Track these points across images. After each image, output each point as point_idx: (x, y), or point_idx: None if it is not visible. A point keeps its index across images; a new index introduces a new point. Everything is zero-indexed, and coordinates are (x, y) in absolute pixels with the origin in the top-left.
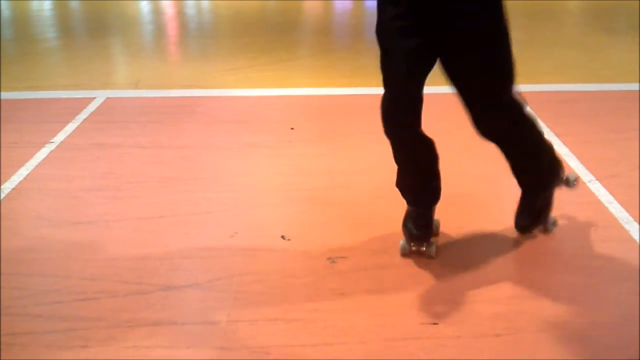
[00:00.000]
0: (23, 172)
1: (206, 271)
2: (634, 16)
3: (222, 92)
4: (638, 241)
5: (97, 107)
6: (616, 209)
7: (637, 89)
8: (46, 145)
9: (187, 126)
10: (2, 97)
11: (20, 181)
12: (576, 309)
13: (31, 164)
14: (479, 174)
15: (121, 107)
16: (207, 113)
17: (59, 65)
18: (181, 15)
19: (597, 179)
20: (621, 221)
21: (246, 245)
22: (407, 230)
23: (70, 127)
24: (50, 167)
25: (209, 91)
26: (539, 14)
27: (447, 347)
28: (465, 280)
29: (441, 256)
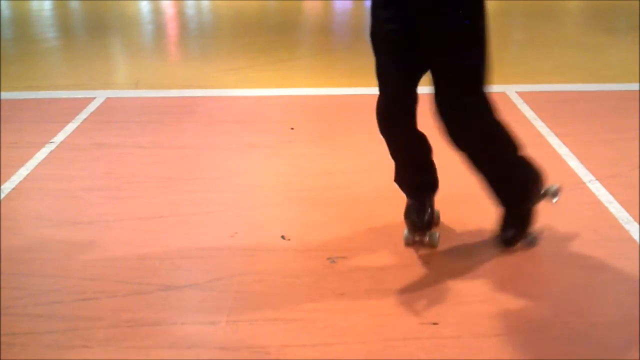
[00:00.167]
0: (23, 172)
1: (206, 271)
2: (634, 16)
3: (222, 92)
4: (638, 241)
5: (97, 107)
6: (616, 209)
7: (637, 89)
8: (46, 145)
9: (187, 126)
10: (2, 97)
11: (20, 181)
12: (576, 309)
13: (31, 164)
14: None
15: (121, 107)
16: (207, 113)
17: (59, 65)
18: (181, 15)
19: (597, 179)
20: (621, 221)
21: (246, 245)
22: (410, 221)
23: (70, 127)
24: (50, 167)
25: (209, 91)
26: (539, 14)
27: (447, 347)
28: (465, 280)
29: (441, 256)
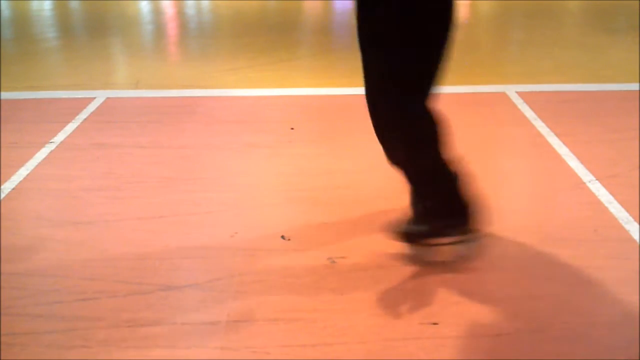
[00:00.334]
0: (23, 172)
1: (206, 271)
2: (634, 16)
3: (222, 92)
4: (638, 241)
5: (97, 107)
6: (616, 209)
7: (637, 89)
8: (46, 145)
9: (187, 126)
10: (2, 97)
11: (20, 181)
12: (576, 309)
13: (31, 164)
14: (479, 174)
15: (121, 107)
16: (207, 113)
17: (59, 65)
18: (181, 15)
19: (597, 179)
20: (621, 221)
21: (246, 245)
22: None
23: (70, 127)
24: (50, 167)
25: (209, 91)
26: (539, 14)
27: (447, 347)
28: (465, 280)
29: (441, 256)
